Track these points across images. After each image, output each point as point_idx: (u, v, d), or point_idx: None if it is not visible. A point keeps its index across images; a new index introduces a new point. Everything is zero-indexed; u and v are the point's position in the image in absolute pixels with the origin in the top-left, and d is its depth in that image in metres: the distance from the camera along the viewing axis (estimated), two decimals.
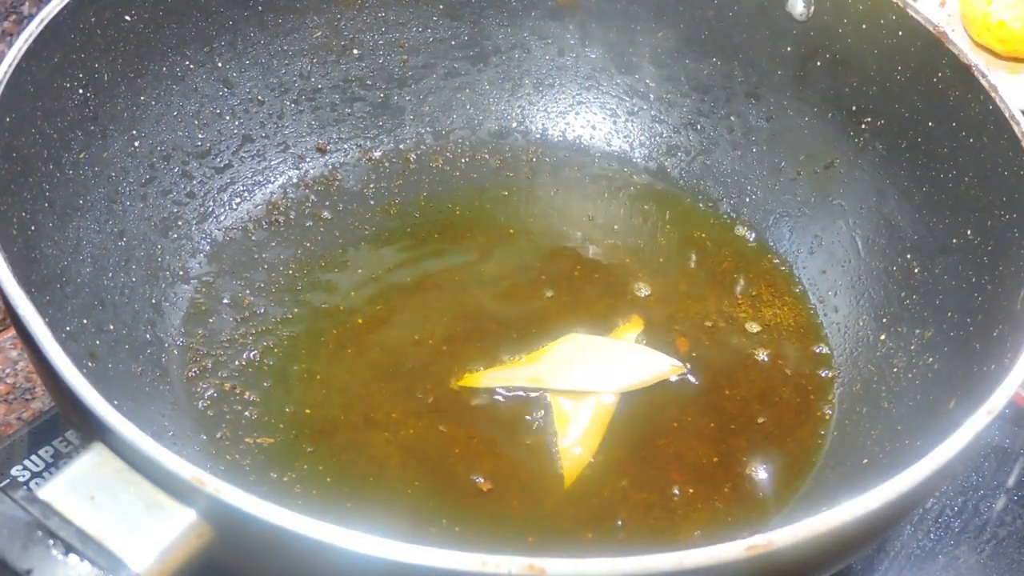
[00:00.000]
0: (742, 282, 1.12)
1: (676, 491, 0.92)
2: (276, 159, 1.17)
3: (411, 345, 1.01)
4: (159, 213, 1.05)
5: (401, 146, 1.23)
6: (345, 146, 1.21)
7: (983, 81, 0.94)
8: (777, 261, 1.15)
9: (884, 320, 1.04)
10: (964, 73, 0.96)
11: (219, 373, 0.98)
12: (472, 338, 1.03)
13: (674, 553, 0.70)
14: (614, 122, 1.25)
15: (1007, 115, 0.91)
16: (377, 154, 1.22)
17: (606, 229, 1.15)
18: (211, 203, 1.11)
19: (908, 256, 1.03)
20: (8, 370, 1.09)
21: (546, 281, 1.09)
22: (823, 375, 1.04)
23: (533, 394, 0.97)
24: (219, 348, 1.00)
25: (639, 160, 1.24)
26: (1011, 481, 1.06)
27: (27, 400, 1.06)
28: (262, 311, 1.04)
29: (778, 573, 0.65)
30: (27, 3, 1.12)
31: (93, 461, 0.63)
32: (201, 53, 1.09)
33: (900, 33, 1.02)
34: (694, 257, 1.14)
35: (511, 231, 1.13)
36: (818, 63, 1.11)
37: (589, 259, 1.11)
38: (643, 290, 1.09)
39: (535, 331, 1.03)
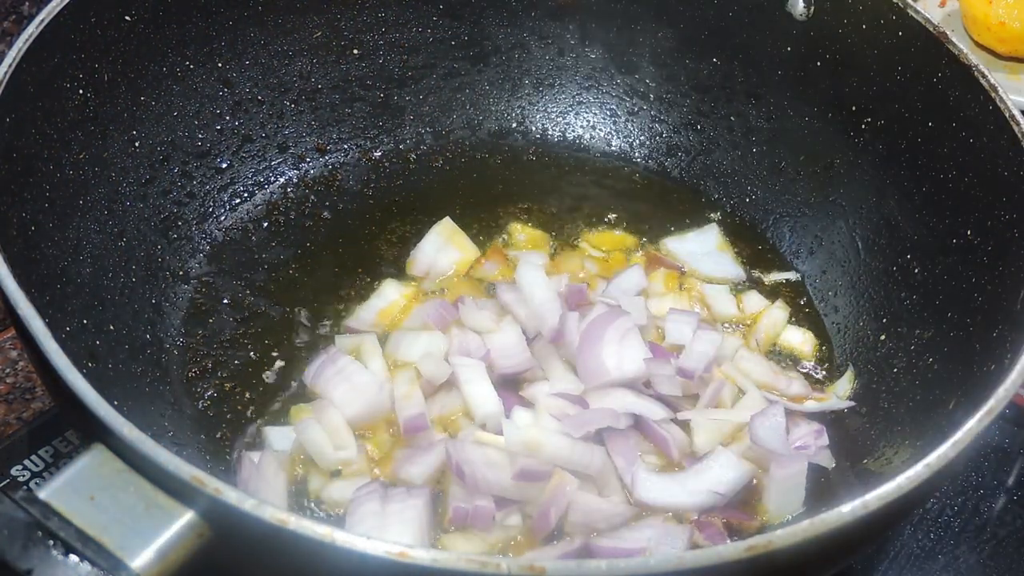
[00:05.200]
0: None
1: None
2: (276, 159, 1.17)
3: None
4: (159, 213, 1.05)
5: (401, 146, 1.23)
6: (345, 146, 1.21)
7: (983, 81, 0.94)
8: (777, 261, 1.15)
9: (884, 320, 1.04)
10: (964, 73, 0.96)
11: (219, 373, 0.98)
12: None
13: (674, 553, 0.70)
14: (614, 122, 1.25)
15: (1007, 115, 0.91)
16: (377, 154, 1.22)
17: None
18: (211, 203, 1.11)
19: (908, 256, 1.03)
20: (8, 370, 1.09)
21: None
22: (823, 375, 1.04)
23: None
24: (219, 348, 1.00)
25: (639, 160, 1.24)
26: (1011, 481, 1.06)
27: (27, 400, 1.06)
28: (262, 311, 1.04)
29: (778, 573, 0.65)
30: (27, 3, 1.12)
31: (93, 461, 0.64)
32: (201, 53, 1.09)
33: (900, 33, 1.03)
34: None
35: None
36: (818, 63, 1.11)
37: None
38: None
39: None
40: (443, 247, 1.09)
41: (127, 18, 0.99)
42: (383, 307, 1.03)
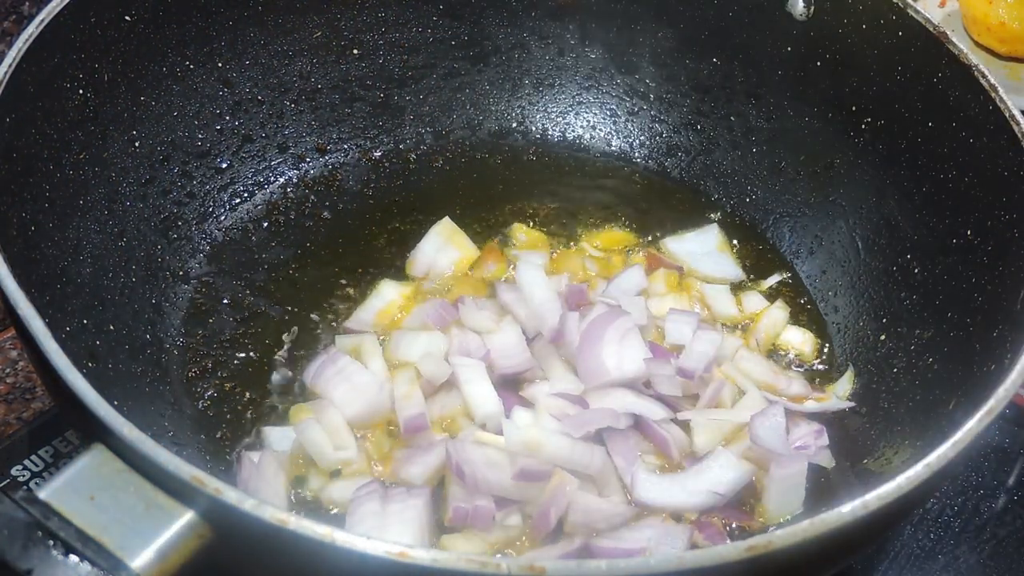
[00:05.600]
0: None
1: None
2: (276, 159, 1.17)
3: None
4: (159, 213, 1.05)
5: (401, 146, 1.23)
6: (345, 146, 1.21)
7: (983, 81, 0.94)
8: (777, 261, 1.15)
9: (884, 320, 1.04)
10: (964, 73, 0.96)
11: (219, 373, 0.98)
12: None
13: (674, 553, 0.70)
14: (614, 122, 1.25)
15: (1007, 115, 0.91)
16: (377, 154, 1.22)
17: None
18: (211, 203, 1.11)
19: (908, 256, 1.03)
20: (8, 370, 1.09)
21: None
22: (823, 375, 1.04)
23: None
24: (219, 348, 1.00)
25: (639, 160, 1.24)
26: (1011, 481, 1.06)
27: (27, 400, 1.06)
28: (262, 311, 1.04)
29: (778, 573, 0.65)
30: (27, 3, 1.12)
31: (93, 461, 0.64)
32: (201, 53, 1.09)
33: (900, 33, 1.03)
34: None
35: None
36: (818, 63, 1.11)
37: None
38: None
39: None
40: (443, 247, 1.09)
41: (127, 18, 0.99)
42: (382, 307, 1.03)
